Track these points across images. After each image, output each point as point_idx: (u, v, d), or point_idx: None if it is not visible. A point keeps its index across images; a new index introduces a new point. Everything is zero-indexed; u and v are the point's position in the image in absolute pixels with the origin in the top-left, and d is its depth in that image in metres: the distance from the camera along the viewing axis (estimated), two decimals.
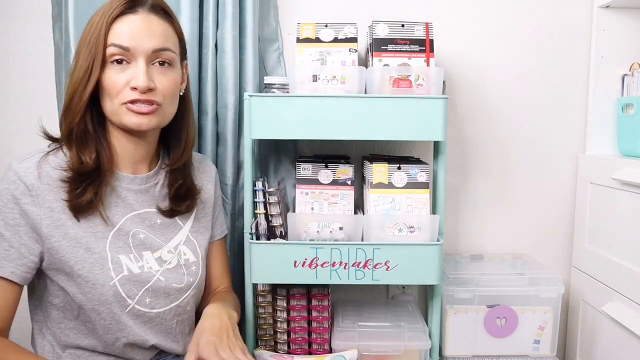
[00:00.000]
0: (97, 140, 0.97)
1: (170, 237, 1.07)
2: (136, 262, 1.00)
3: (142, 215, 1.03)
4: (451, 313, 1.34)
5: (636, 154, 1.36)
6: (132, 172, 1.04)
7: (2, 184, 0.93)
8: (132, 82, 0.94)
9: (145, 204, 1.04)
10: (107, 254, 0.97)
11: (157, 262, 1.03)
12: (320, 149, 1.49)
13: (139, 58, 0.94)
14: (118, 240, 0.99)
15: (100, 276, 0.95)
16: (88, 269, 0.94)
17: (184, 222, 1.10)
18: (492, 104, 1.52)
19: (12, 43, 1.45)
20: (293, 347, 1.31)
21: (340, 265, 1.21)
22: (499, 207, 1.55)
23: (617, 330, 1.29)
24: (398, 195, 1.24)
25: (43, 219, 0.93)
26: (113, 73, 0.94)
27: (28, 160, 0.94)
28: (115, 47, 0.93)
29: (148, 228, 1.04)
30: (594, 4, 1.47)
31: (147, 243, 1.03)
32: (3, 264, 0.92)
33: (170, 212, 1.07)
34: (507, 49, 1.51)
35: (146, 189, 1.05)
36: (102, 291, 0.95)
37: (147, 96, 0.95)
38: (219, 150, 1.39)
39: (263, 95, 1.22)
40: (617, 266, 1.30)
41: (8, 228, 0.92)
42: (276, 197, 1.24)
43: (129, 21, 0.94)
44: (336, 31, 1.25)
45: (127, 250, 0.99)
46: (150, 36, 0.95)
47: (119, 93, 0.94)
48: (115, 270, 0.96)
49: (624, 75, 1.46)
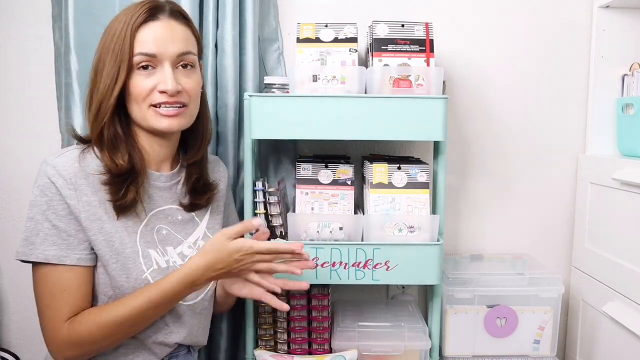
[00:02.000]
0: (126, 142, 1.01)
1: (190, 232, 1.11)
2: (162, 256, 1.04)
3: (166, 211, 1.07)
4: (451, 313, 1.34)
5: (636, 154, 1.36)
6: (157, 170, 1.08)
7: (42, 179, 0.96)
8: (159, 86, 0.98)
9: (169, 201, 1.08)
10: (138, 248, 1.00)
11: (179, 257, 1.07)
12: (320, 149, 1.49)
13: (164, 63, 0.98)
14: (146, 235, 1.03)
15: (133, 269, 0.99)
16: (122, 263, 0.98)
17: (200, 219, 1.14)
18: (492, 104, 1.52)
19: (12, 43, 1.44)
20: (293, 347, 1.31)
21: (340, 265, 1.21)
22: (499, 207, 1.55)
23: (617, 330, 1.29)
24: (398, 195, 1.24)
25: (81, 212, 0.96)
26: (140, 79, 0.98)
27: (64, 155, 0.98)
28: (142, 56, 0.97)
29: (170, 224, 1.08)
30: (594, 4, 1.47)
31: (170, 238, 1.07)
32: (67, 253, 0.95)
33: (190, 206, 1.11)
34: (507, 49, 1.51)
35: (170, 186, 1.09)
36: (135, 285, 0.98)
37: (176, 98, 0.99)
38: (219, 150, 1.39)
39: (263, 95, 1.22)
40: (617, 266, 1.30)
41: (61, 219, 0.95)
42: (276, 197, 1.24)
43: (153, 28, 0.98)
44: (336, 31, 1.25)
45: (154, 245, 1.03)
46: (173, 41, 0.99)
47: (146, 97, 0.99)
48: (146, 264, 1.00)
49: (624, 75, 1.46)
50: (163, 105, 0.99)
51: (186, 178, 1.11)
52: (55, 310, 0.95)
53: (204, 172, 1.14)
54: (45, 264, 0.95)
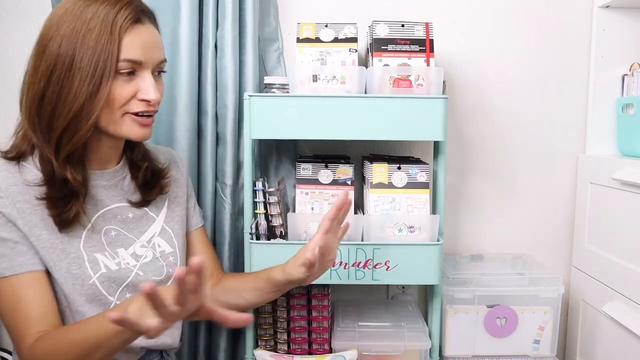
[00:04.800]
0: (82, 152, 0.94)
1: (143, 230, 1.05)
2: (112, 259, 0.98)
3: (114, 210, 1.01)
4: (451, 313, 1.34)
5: (636, 154, 1.36)
6: (100, 168, 1.01)
7: None
8: (141, 95, 0.92)
9: (116, 199, 1.02)
10: (83, 253, 0.95)
11: (132, 257, 1.01)
12: (320, 149, 1.48)
13: (145, 69, 0.93)
14: (91, 239, 0.97)
15: (79, 275, 0.93)
16: (66, 269, 0.93)
17: (157, 214, 1.08)
18: (492, 104, 1.52)
19: (12, 43, 1.44)
20: (293, 347, 1.31)
21: (340, 265, 1.21)
22: (499, 207, 1.55)
23: (617, 330, 1.29)
24: (398, 195, 1.24)
25: (18, 219, 0.90)
26: (119, 84, 0.90)
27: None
28: (128, 62, 0.90)
29: (120, 224, 1.01)
30: (594, 4, 1.47)
31: (120, 239, 1.01)
32: (19, 261, 0.90)
33: (142, 202, 1.05)
34: (507, 48, 1.51)
35: (115, 183, 1.02)
36: (81, 290, 0.93)
37: (155, 107, 0.95)
38: (218, 150, 1.39)
39: (263, 95, 1.22)
40: (617, 266, 1.30)
41: (2, 228, 0.90)
42: (276, 197, 1.24)
43: (139, 34, 0.91)
44: (336, 31, 1.25)
45: (101, 249, 0.97)
46: (156, 48, 0.94)
47: (123, 104, 0.92)
48: (92, 268, 0.95)
49: (624, 75, 1.46)
50: (141, 114, 0.93)
51: (135, 172, 1.04)
52: (19, 326, 0.89)
53: (151, 162, 1.07)
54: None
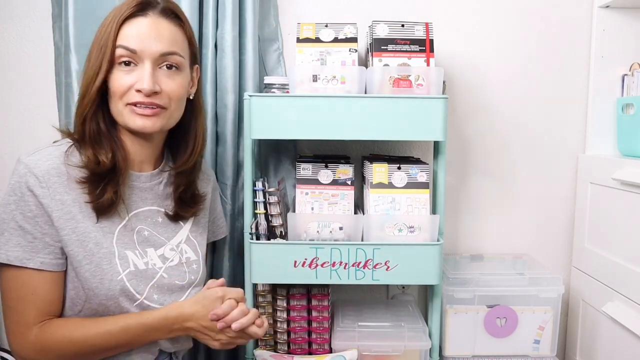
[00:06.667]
0: (110, 139, 0.99)
1: (172, 235, 1.08)
2: (141, 258, 1.01)
3: (146, 212, 1.05)
4: (451, 313, 1.34)
5: (636, 154, 1.36)
6: (138, 170, 1.05)
7: (14, 177, 0.94)
8: (136, 85, 0.95)
9: (149, 202, 1.06)
10: (115, 249, 0.98)
11: (160, 259, 1.04)
12: (320, 149, 1.48)
13: (145, 61, 0.96)
14: (124, 236, 1.00)
15: (108, 270, 0.96)
16: (96, 264, 0.95)
17: (184, 222, 1.11)
18: (492, 104, 1.52)
19: (12, 43, 1.44)
20: (293, 347, 1.31)
21: (340, 265, 1.21)
22: (499, 207, 1.55)
23: (617, 330, 1.29)
24: (398, 195, 1.24)
25: (54, 211, 0.93)
26: (119, 75, 0.95)
27: (37, 153, 0.96)
28: (123, 49, 0.95)
29: (151, 225, 1.05)
30: (594, 4, 1.47)
31: (151, 240, 1.04)
32: (31, 256, 0.93)
33: (175, 216, 1.08)
34: (507, 49, 1.51)
35: (150, 187, 1.06)
36: (109, 286, 0.95)
37: (151, 99, 0.96)
38: (218, 150, 1.39)
39: (263, 95, 1.22)
40: (617, 266, 1.30)
41: (28, 220, 0.93)
42: (276, 197, 1.24)
43: (138, 24, 0.96)
44: (336, 31, 1.25)
45: (132, 247, 1.00)
46: (157, 40, 0.96)
47: (123, 95, 0.96)
48: (122, 265, 0.98)
49: (624, 75, 1.46)
50: (139, 105, 0.96)
51: (175, 187, 1.08)
52: (21, 313, 0.93)
53: (193, 183, 1.11)
54: (9, 265, 0.92)
